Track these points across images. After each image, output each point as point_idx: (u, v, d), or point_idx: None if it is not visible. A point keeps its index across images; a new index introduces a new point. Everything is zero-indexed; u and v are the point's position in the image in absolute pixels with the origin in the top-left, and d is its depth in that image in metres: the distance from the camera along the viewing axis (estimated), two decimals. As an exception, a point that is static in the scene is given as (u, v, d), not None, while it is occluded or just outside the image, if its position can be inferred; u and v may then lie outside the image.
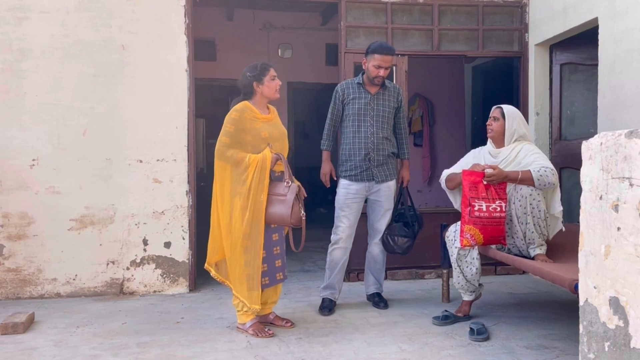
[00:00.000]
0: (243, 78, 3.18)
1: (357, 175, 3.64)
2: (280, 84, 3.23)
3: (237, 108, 3.10)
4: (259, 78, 3.14)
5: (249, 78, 3.15)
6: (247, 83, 3.15)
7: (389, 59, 3.57)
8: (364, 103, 3.65)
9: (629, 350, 1.67)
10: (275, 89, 3.19)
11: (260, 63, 3.21)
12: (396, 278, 4.59)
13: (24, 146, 3.98)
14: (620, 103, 3.56)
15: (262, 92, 3.16)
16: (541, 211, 3.09)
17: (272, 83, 3.17)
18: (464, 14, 4.74)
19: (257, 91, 3.16)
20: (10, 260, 3.96)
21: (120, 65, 4.10)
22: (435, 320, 3.35)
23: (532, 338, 3.07)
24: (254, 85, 3.15)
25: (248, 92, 3.17)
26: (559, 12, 4.20)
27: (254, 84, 3.15)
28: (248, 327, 3.15)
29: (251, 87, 3.15)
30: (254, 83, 3.15)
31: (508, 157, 3.27)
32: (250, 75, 3.15)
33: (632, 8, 3.44)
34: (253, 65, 3.20)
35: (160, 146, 4.15)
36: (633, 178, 1.65)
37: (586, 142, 1.88)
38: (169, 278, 4.18)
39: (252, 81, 3.14)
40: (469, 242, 3.15)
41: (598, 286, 1.82)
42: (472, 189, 3.11)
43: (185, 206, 4.19)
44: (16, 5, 3.97)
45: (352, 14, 4.59)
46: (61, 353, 2.88)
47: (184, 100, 4.19)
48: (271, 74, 3.17)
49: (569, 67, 4.52)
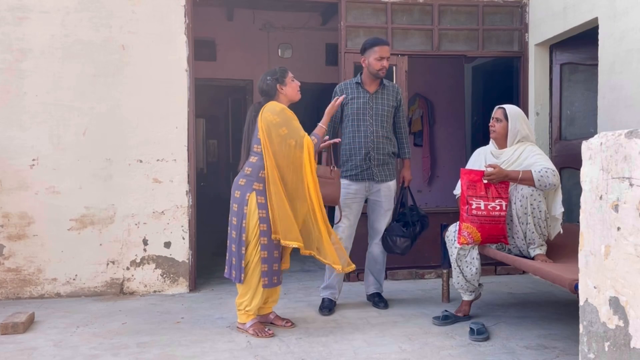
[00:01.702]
0: (263, 83, 3.21)
1: (357, 175, 3.64)
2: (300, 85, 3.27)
3: (280, 107, 3.12)
4: (281, 80, 3.19)
5: (271, 81, 3.19)
6: (270, 86, 3.19)
7: (387, 49, 3.64)
8: (363, 102, 3.65)
9: (629, 350, 1.67)
10: (297, 89, 3.24)
11: (279, 67, 3.27)
12: (396, 278, 4.59)
13: (24, 146, 3.98)
14: (620, 103, 3.56)
15: (285, 94, 3.21)
16: (542, 211, 3.09)
17: (293, 83, 3.23)
18: (464, 14, 4.74)
19: (281, 93, 3.20)
20: (10, 260, 3.96)
21: (120, 65, 4.11)
22: (435, 320, 3.35)
23: (532, 338, 3.07)
24: (278, 87, 3.19)
25: (271, 96, 3.21)
26: (559, 12, 4.20)
27: (277, 86, 3.19)
28: (248, 326, 3.15)
29: (274, 90, 3.19)
30: (277, 85, 3.18)
31: (510, 158, 3.27)
32: (272, 79, 3.19)
33: (632, 8, 3.44)
34: (272, 70, 3.25)
35: (160, 146, 4.15)
36: (633, 178, 1.65)
37: (586, 142, 1.88)
38: (169, 278, 4.18)
39: (275, 84, 3.18)
40: (466, 239, 3.16)
41: (598, 286, 1.82)
42: (471, 187, 3.12)
43: (185, 206, 4.19)
44: (16, 5, 3.97)
45: (352, 14, 4.59)
46: (61, 353, 2.88)
47: (184, 100, 4.20)
48: (291, 75, 3.24)
49: (569, 67, 4.52)
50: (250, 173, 3.13)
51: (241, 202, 3.11)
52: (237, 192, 3.14)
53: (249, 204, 3.09)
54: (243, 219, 3.10)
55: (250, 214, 3.08)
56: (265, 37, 7.06)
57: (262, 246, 3.08)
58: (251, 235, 3.09)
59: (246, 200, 3.09)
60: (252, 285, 3.11)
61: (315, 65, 7.09)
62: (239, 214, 3.11)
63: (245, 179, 3.13)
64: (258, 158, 3.13)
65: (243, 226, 3.09)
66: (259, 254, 3.08)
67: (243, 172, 3.16)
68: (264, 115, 3.09)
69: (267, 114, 3.09)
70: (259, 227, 3.07)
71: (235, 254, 3.13)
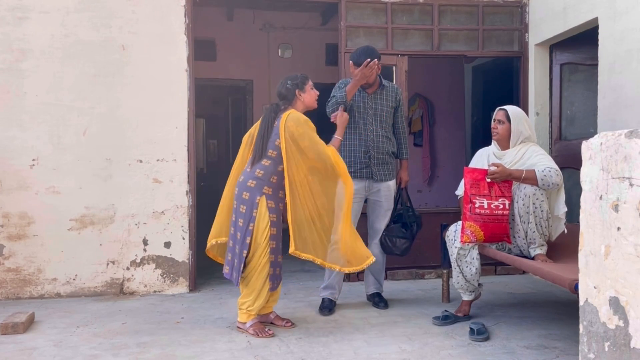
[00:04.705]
0: (283, 87, 3.24)
1: (357, 172, 3.63)
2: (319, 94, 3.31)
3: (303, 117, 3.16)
4: (301, 86, 3.23)
5: (291, 86, 3.22)
6: (290, 90, 3.22)
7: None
8: (363, 102, 3.66)
9: (629, 350, 1.67)
10: (314, 97, 3.29)
11: (300, 74, 3.29)
12: (396, 278, 4.59)
13: (24, 146, 3.98)
14: (620, 103, 3.56)
15: (303, 101, 3.24)
16: (544, 211, 3.09)
17: (312, 92, 3.27)
18: (464, 14, 4.74)
19: (299, 99, 3.23)
20: (10, 260, 3.97)
21: (120, 65, 4.11)
22: (435, 320, 3.35)
23: (532, 338, 3.07)
24: (297, 93, 3.22)
25: (289, 100, 3.23)
26: (559, 12, 4.20)
27: (296, 92, 3.22)
28: (249, 326, 3.15)
29: (293, 95, 3.22)
30: (297, 91, 3.22)
31: (513, 158, 3.26)
32: (292, 84, 3.22)
33: (632, 8, 3.44)
34: (293, 75, 3.28)
35: (160, 146, 4.15)
36: (633, 178, 1.65)
37: (586, 142, 1.88)
38: (169, 278, 4.18)
39: (295, 89, 3.22)
40: (469, 238, 3.15)
41: (598, 286, 1.82)
42: (474, 186, 3.12)
43: (185, 206, 4.19)
44: (16, 5, 3.97)
45: (352, 14, 4.59)
46: (61, 353, 2.88)
47: (184, 100, 4.20)
48: (310, 84, 3.28)
49: (569, 67, 4.52)
50: (262, 176, 3.11)
51: (251, 204, 3.09)
52: (246, 193, 3.11)
53: (259, 207, 3.08)
54: (251, 222, 3.08)
55: (260, 217, 3.07)
56: (265, 37, 7.07)
57: (271, 250, 3.09)
58: (260, 238, 3.08)
59: (256, 204, 3.08)
60: (257, 286, 3.11)
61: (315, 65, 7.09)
62: (247, 216, 3.09)
63: (256, 182, 3.11)
64: (271, 162, 3.12)
65: (249, 229, 3.08)
66: (267, 257, 3.08)
67: (253, 173, 3.13)
68: (288, 124, 3.09)
69: (291, 123, 3.09)
70: (269, 231, 3.07)
71: (236, 254, 3.13)
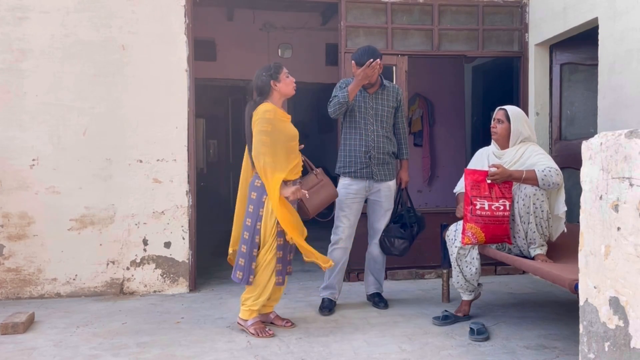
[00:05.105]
0: (258, 79, 3.21)
1: (357, 172, 3.63)
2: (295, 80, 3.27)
3: (268, 109, 3.12)
4: (275, 76, 3.19)
5: (265, 77, 3.19)
6: (264, 82, 3.19)
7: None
8: (364, 102, 3.66)
9: (629, 350, 1.67)
10: (291, 85, 3.25)
11: (273, 63, 3.26)
12: (396, 278, 4.59)
13: (24, 146, 3.98)
14: (620, 103, 3.56)
15: (279, 90, 3.21)
16: (544, 211, 3.09)
17: (287, 80, 3.23)
18: (464, 14, 4.74)
19: (275, 89, 3.20)
20: (10, 260, 3.96)
21: (120, 65, 4.11)
22: (435, 320, 3.35)
23: (532, 338, 3.07)
24: (272, 84, 3.19)
25: (265, 92, 3.20)
26: (559, 12, 4.20)
27: (271, 83, 3.18)
28: (249, 324, 3.15)
29: (268, 86, 3.19)
30: (271, 82, 3.18)
31: (513, 158, 3.27)
32: (266, 75, 3.19)
33: (632, 8, 3.44)
34: (266, 66, 3.25)
35: (160, 146, 4.15)
36: (633, 178, 1.65)
37: (586, 142, 1.88)
38: (169, 278, 4.18)
39: (269, 80, 3.18)
40: (470, 240, 3.15)
41: (598, 286, 1.82)
42: (475, 188, 3.11)
43: (185, 206, 4.19)
44: (16, 5, 3.97)
45: (352, 14, 4.59)
46: (61, 353, 2.88)
47: (184, 100, 4.20)
48: (285, 72, 3.24)
49: (569, 67, 4.52)
50: None
51: (257, 204, 3.11)
52: (254, 193, 3.13)
53: (266, 206, 3.09)
54: (258, 221, 3.10)
55: (267, 215, 3.08)
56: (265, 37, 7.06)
57: (278, 246, 3.11)
58: (268, 235, 3.10)
59: (262, 203, 3.09)
60: (261, 283, 3.12)
61: (315, 65, 7.08)
62: (254, 215, 3.11)
63: (261, 181, 3.12)
64: None
65: (257, 228, 3.10)
66: (272, 253, 3.10)
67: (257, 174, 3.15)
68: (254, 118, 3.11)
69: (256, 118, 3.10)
70: (276, 228, 3.08)
71: (246, 255, 3.13)
